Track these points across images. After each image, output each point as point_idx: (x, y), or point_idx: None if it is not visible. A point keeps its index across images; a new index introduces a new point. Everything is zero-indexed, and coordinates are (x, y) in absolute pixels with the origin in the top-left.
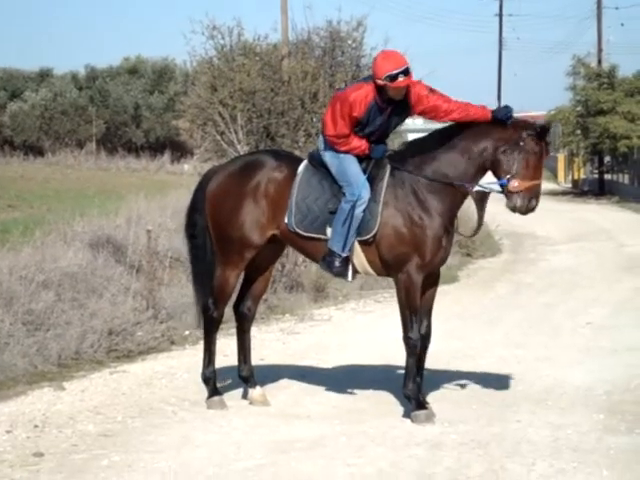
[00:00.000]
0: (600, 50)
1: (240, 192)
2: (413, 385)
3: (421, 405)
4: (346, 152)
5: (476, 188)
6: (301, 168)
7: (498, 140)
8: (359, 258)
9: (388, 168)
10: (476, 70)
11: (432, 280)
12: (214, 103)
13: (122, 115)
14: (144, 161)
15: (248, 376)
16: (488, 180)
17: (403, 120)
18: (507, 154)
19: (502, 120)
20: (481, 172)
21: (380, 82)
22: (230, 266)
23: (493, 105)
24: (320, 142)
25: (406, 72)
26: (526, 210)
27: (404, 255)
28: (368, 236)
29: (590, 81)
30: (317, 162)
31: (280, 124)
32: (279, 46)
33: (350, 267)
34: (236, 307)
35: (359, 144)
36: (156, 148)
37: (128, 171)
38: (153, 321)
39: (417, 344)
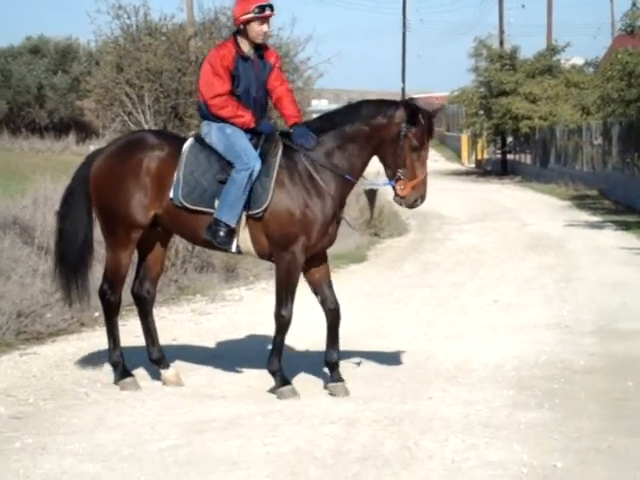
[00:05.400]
0: (502, 32)
1: (122, 171)
2: (278, 362)
3: (286, 381)
4: (229, 119)
5: (365, 186)
6: (187, 145)
7: (381, 134)
8: (244, 234)
9: (280, 145)
10: (380, 51)
11: (321, 257)
12: (120, 83)
13: (25, 95)
14: (49, 142)
15: (159, 358)
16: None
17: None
18: (390, 149)
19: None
20: (367, 164)
21: (247, 17)
22: (120, 247)
23: (398, 86)
24: (204, 126)
25: (272, 7)
26: (411, 207)
27: (292, 235)
28: (258, 210)
29: (492, 62)
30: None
31: (188, 104)
32: (185, 26)
33: (235, 238)
34: (134, 291)
35: (243, 113)
36: (60, 129)
37: (32, 152)
38: (62, 303)
39: (289, 322)
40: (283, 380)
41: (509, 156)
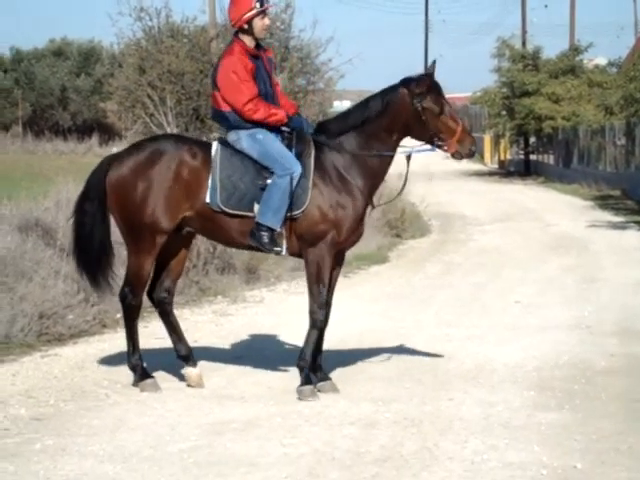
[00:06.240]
0: (524, 32)
1: (149, 178)
2: (309, 359)
3: (308, 380)
4: (265, 120)
5: (406, 152)
6: (216, 148)
7: (402, 120)
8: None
9: (313, 145)
10: (403, 51)
11: (338, 260)
12: (142, 85)
13: (48, 97)
14: (72, 144)
15: (187, 354)
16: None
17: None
18: (418, 127)
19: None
20: (402, 138)
21: (250, 14)
22: (143, 253)
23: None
24: (231, 134)
25: None
26: (469, 157)
27: (322, 232)
28: (299, 211)
29: (515, 63)
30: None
31: (210, 106)
32: (207, 28)
33: (283, 241)
34: (153, 293)
35: (276, 111)
36: (83, 131)
37: (55, 154)
38: (84, 304)
39: (323, 318)
40: (307, 379)
41: (532, 157)
